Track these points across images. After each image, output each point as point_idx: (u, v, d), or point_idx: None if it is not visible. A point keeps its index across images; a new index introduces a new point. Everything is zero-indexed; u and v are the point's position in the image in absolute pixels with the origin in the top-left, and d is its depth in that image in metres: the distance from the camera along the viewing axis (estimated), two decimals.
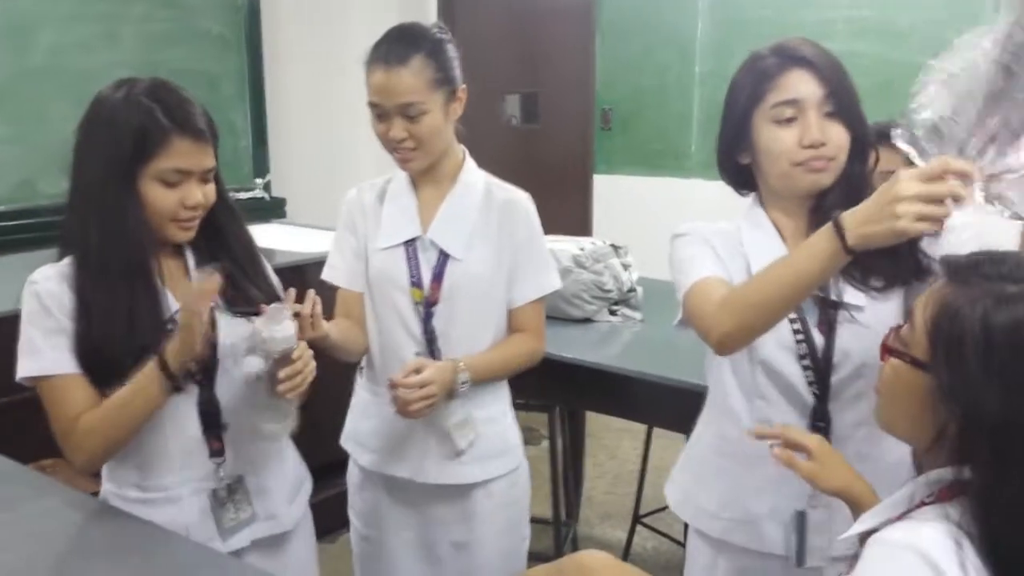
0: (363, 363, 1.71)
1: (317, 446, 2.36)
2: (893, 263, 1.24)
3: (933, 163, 0.99)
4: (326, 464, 2.76)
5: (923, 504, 0.87)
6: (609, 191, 4.31)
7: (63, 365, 1.29)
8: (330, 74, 3.96)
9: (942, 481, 0.86)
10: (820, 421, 1.28)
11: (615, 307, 2.40)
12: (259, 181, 3.30)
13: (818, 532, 1.29)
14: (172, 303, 1.35)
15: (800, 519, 1.30)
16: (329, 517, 2.70)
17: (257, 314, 1.28)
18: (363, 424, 1.69)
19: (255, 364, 1.29)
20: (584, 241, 2.44)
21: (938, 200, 0.97)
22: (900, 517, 0.88)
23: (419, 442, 1.62)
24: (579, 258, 2.34)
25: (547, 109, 4.53)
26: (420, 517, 1.67)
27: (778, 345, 1.28)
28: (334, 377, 1.56)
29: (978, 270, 0.83)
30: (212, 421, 1.37)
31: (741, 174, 1.35)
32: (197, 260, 1.40)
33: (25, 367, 1.30)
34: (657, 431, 2.81)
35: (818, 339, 1.26)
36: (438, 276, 1.56)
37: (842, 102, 1.24)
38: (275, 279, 1.51)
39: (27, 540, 1.25)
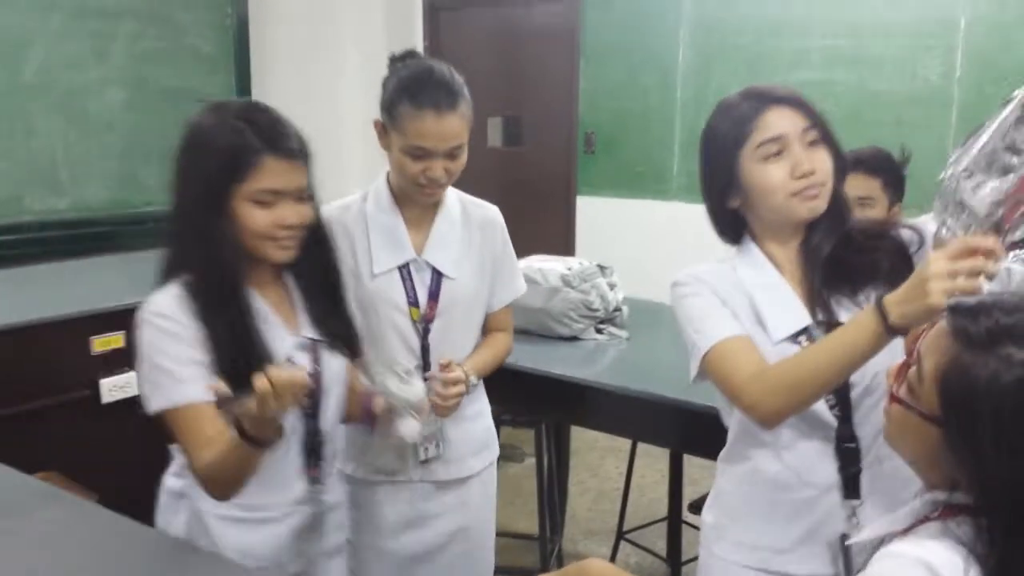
0: None
1: None
2: (874, 270, 1.29)
3: (958, 242, 1.04)
4: None
5: (927, 520, 0.89)
6: (592, 212, 4.38)
7: (198, 394, 1.23)
8: (319, 94, 3.99)
9: (946, 500, 0.89)
10: (848, 442, 1.28)
11: (601, 326, 2.44)
12: None
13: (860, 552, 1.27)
14: (285, 335, 1.34)
15: (843, 541, 1.29)
16: None
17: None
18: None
19: (414, 427, 1.47)
20: (572, 261, 2.49)
21: (966, 274, 1.00)
22: (905, 532, 0.91)
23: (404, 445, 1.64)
24: (567, 277, 2.38)
25: (531, 132, 4.59)
26: (415, 514, 1.71)
27: None
28: None
29: (988, 317, 0.84)
30: (315, 452, 1.39)
31: (734, 219, 1.37)
32: (299, 285, 1.39)
33: (157, 400, 1.27)
34: (639, 450, 2.85)
35: None
36: (434, 295, 1.64)
37: (821, 129, 1.29)
38: (352, 306, 1.50)
39: (32, 548, 1.26)
